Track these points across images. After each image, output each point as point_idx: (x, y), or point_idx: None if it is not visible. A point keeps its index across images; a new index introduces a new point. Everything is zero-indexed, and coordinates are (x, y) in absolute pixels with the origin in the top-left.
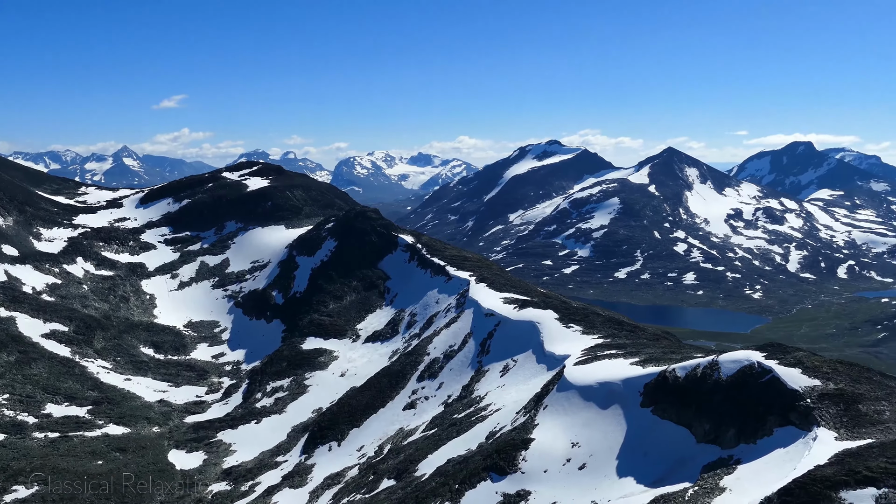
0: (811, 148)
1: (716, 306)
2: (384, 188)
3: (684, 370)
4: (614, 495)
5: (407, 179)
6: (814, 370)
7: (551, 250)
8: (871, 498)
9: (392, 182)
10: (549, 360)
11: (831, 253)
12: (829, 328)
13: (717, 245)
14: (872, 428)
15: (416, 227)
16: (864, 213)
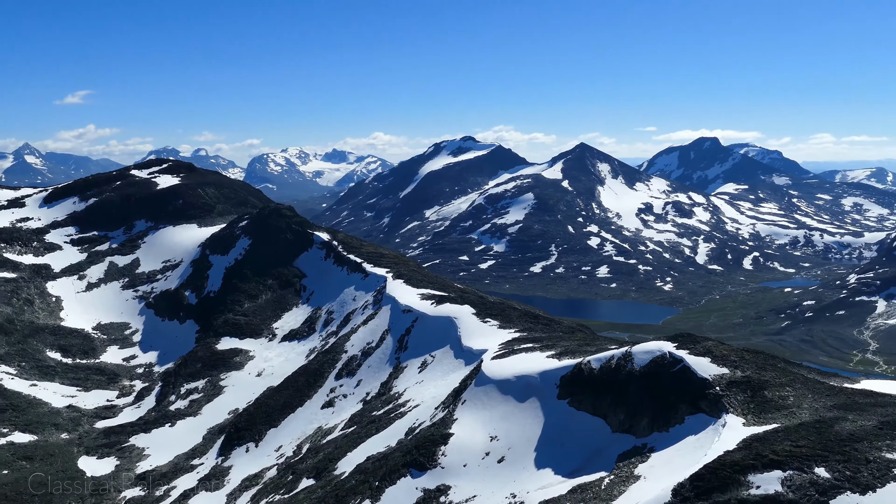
0: (717, 143)
1: (628, 298)
2: (299, 185)
3: (599, 362)
4: (533, 487)
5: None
6: (722, 359)
7: (467, 246)
8: (776, 480)
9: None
10: (467, 355)
11: (737, 245)
12: (736, 318)
13: (629, 239)
14: (777, 413)
15: (332, 224)
16: (768, 206)
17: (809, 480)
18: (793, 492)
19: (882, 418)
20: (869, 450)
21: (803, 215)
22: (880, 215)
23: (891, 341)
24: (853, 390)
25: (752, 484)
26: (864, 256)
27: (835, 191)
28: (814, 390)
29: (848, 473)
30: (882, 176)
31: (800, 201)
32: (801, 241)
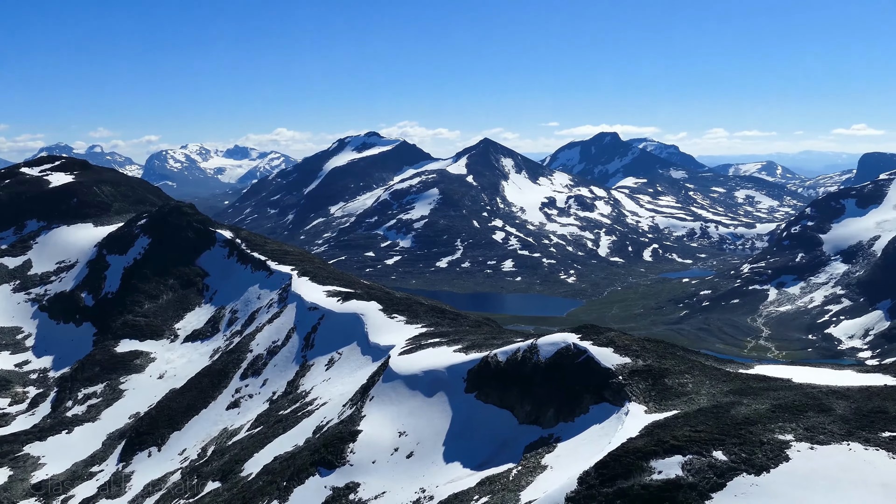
0: (617, 138)
1: (533, 291)
2: (200, 182)
3: (505, 355)
4: (442, 481)
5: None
6: (624, 349)
7: (373, 242)
8: (677, 465)
9: (208, 176)
10: (375, 352)
11: (637, 237)
12: (637, 308)
13: (533, 232)
14: (677, 400)
15: (235, 221)
16: (666, 199)
17: (708, 464)
18: (692, 475)
19: (774, 401)
20: (763, 432)
21: (699, 208)
22: (771, 207)
23: (781, 327)
24: (747, 375)
25: (654, 469)
26: (757, 247)
27: (728, 184)
28: (711, 377)
29: (744, 455)
30: (772, 169)
31: (696, 194)
32: (698, 232)
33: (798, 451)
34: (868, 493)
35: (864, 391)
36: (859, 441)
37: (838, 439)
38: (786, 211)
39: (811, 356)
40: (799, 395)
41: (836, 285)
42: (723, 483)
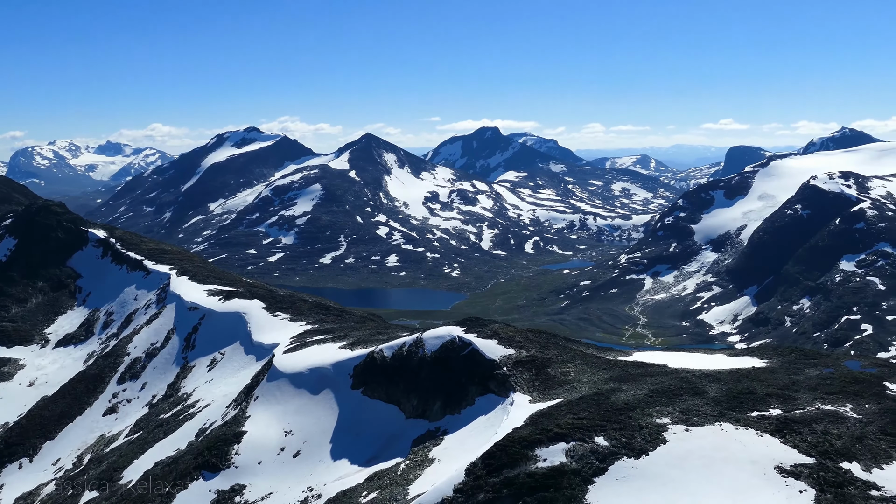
0: (497, 133)
1: (418, 286)
2: (70, 180)
3: (391, 350)
4: (330, 478)
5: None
6: (508, 340)
7: (255, 239)
8: (561, 452)
9: (79, 173)
10: (258, 350)
11: (519, 230)
12: (520, 300)
13: (416, 227)
14: (560, 388)
15: (109, 220)
16: (546, 192)
17: (590, 449)
18: (576, 461)
19: (652, 387)
20: (641, 417)
21: (578, 200)
22: (645, 199)
23: (657, 315)
24: (626, 362)
25: (538, 457)
26: (633, 238)
27: (606, 177)
28: (592, 365)
29: (624, 440)
30: (646, 162)
31: (575, 187)
32: (577, 224)
33: (674, 433)
34: (739, 470)
35: (733, 373)
36: (730, 421)
37: (711, 420)
38: (659, 202)
39: (685, 342)
40: (674, 380)
41: (706, 273)
42: (605, 467)
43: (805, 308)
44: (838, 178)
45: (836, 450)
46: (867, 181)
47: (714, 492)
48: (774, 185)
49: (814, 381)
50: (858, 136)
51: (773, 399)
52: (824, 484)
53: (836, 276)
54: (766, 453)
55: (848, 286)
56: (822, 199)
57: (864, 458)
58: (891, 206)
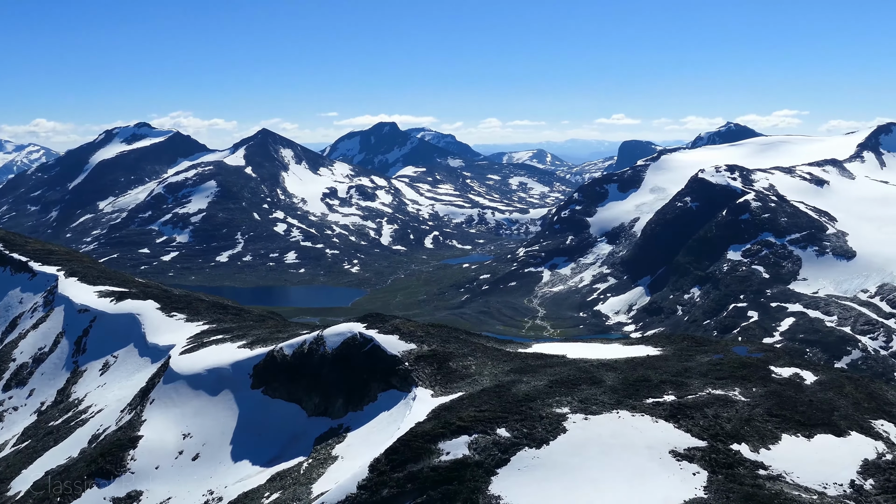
0: (395, 128)
1: (318, 283)
2: None
3: (292, 348)
4: (231, 480)
5: None
6: (409, 335)
7: (148, 238)
8: (464, 445)
9: None
10: (154, 352)
11: (418, 225)
12: (421, 295)
13: (315, 223)
14: (462, 382)
15: None
16: (444, 187)
17: (493, 441)
18: (478, 453)
19: (551, 377)
20: (542, 407)
21: (476, 195)
22: (542, 193)
23: (555, 307)
24: (526, 354)
25: (442, 451)
26: (531, 231)
27: (503, 171)
28: (493, 357)
29: (525, 431)
30: (542, 157)
31: (473, 182)
32: (476, 219)
33: (574, 422)
34: (636, 456)
35: (629, 362)
36: (627, 408)
37: (609, 408)
38: (556, 196)
39: (583, 332)
40: (573, 370)
41: (602, 265)
42: (507, 458)
43: (696, 297)
44: (724, 172)
45: (726, 432)
46: (751, 174)
47: (613, 477)
48: (665, 178)
49: (704, 367)
50: (742, 130)
51: (667, 386)
52: (716, 465)
53: (723, 266)
54: (661, 438)
55: (735, 275)
56: (710, 192)
57: (752, 439)
58: (773, 198)
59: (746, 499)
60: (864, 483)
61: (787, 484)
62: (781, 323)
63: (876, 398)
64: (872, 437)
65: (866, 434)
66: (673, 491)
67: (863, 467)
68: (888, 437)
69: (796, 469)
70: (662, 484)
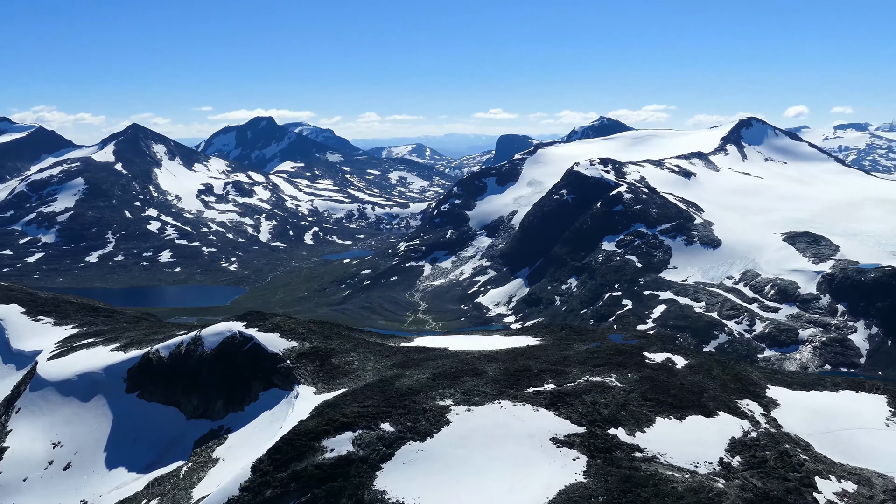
0: (273, 123)
1: (194, 282)
2: None
3: (168, 349)
4: (106, 489)
5: None
6: (291, 332)
7: (10, 239)
8: (348, 441)
9: None
10: (19, 359)
11: (298, 221)
12: (302, 292)
13: (191, 221)
14: (345, 378)
15: None
16: (324, 182)
17: (377, 436)
18: (363, 449)
19: (434, 370)
20: (425, 400)
21: (356, 190)
22: (422, 187)
23: (437, 300)
24: (409, 348)
25: (326, 448)
26: (411, 225)
27: (382, 166)
28: (376, 352)
29: (409, 424)
30: (421, 151)
31: (352, 177)
32: (356, 214)
33: (457, 413)
34: (518, 444)
35: (510, 353)
36: (508, 398)
37: (491, 399)
38: (435, 190)
39: (464, 325)
40: (455, 362)
41: (482, 258)
42: (392, 453)
43: (573, 287)
44: (598, 165)
45: (603, 418)
46: (623, 167)
47: (496, 467)
48: (542, 171)
49: (582, 355)
50: (615, 124)
51: (547, 374)
52: (594, 450)
53: (599, 256)
54: (542, 426)
55: (609, 265)
56: (585, 185)
57: (628, 423)
58: (644, 190)
59: (623, 481)
60: (731, 460)
61: (662, 465)
62: (654, 310)
63: (741, 379)
64: (739, 417)
65: (733, 413)
66: (554, 477)
67: (730, 445)
68: (753, 415)
69: (670, 450)
70: (544, 470)
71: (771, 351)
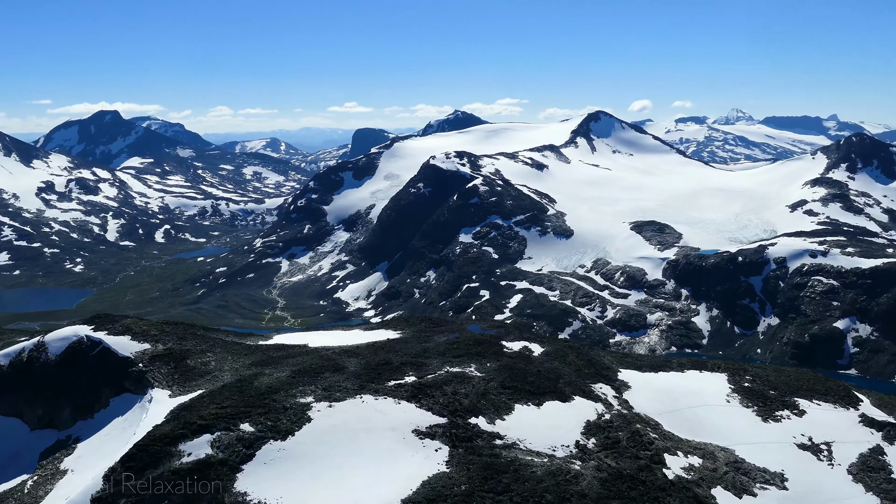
0: (118, 117)
1: (36, 285)
2: None
3: (8, 357)
4: None
5: None
6: (143, 335)
7: None
8: (206, 444)
9: None
10: None
11: (148, 219)
12: (153, 292)
13: (30, 221)
14: (202, 379)
15: None
16: (175, 178)
17: (237, 437)
18: (222, 451)
19: (294, 367)
20: (286, 398)
21: (209, 186)
22: (277, 182)
23: (295, 296)
24: (268, 346)
25: (183, 452)
26: (267, 221)
27: (236, 161)
28: (233, 352)
29: (270, 424)
30: (276, 146)
31: (205, 172)
32: (210, 210)
33: (319, 410)
34: (381, 438)
35: (371, 347)
36: (370, 393)
37: (353, 394)
38: (292, 185)
39: (324, 321)
40: (316, 359)
41: (341, 252)
42: (252, 453)
43: (431, 279)
44: (454, 158)
45: (464, 408)
46: (479, 160)
47: (359, 462)
48: (399, 165)
49: (442, 346)
50: (469, 118)
51: (408, 367)
52: (456, 440)
53: (456, 249)
54: (404, 419)
55: (467, 257)
56: (441, 177)
57: (488, 411)
58: (499, 183)
59: (485, 468)
60: (587, 442)
61: (522, 450)
62: (511, 300)
63: (595, 364)
64: (593, 400)
65: (588, 397)
66: (417, 468)
67: (586, 428)
68: (606, 398)
69: (529, 436)
70: (407, 463)
71: (622, 336)
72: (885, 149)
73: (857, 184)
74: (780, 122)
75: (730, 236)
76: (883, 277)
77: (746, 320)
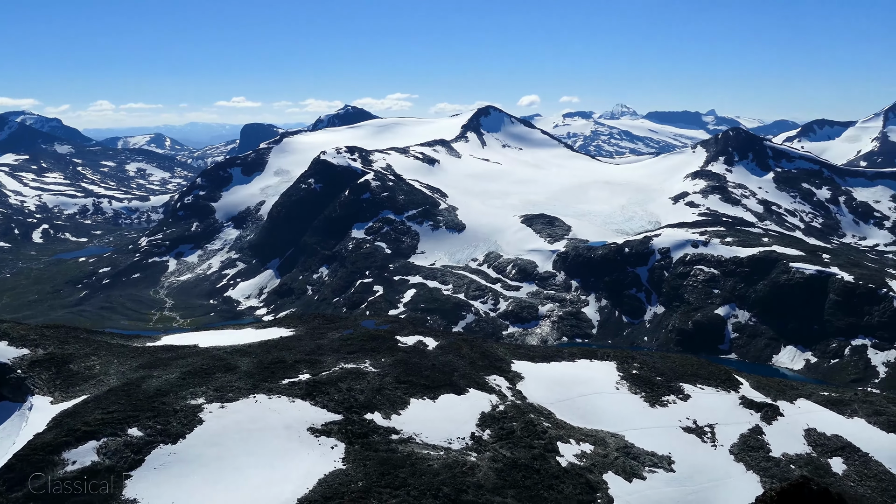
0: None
1: None
2: None
3: None
4: None
5: None
6: (21, 340)
7: None
8: (92, 451)
9: None
10: None
11: (24, 218)
12: (32, 295)
13: None
14: (86, 384)
15: None
16: (53, 175)
17: (124, 443)
18: (109, 458)
19: (184, 369)
20: (176, 400)
21: (90, 183)
22: (163, 179)
23: (184, 296)
24: (156, 348)
25: (67, 461)
26: (153, 219)
27: (118, 157)
28: (119, 355)
29: (159, 427)
30: (161, 141)
31: (85, 169)
32: (91, 209)
33: (210, 412)
34: (275, 438)
35: (263, 345)
36: (264, 392)
37: (245, 394)
38: (178, 182)
39: (214, 320)
40: (206, 359)
41: (231, 250)
42: (141, 459)
43: (324, 276)
44: (345, 153)
45: (360, 404)
46: (370, 155)
47: (254, 462)
48: (289, 160)
49: (336, 343)
50: (360, 113)
51: (302, 365)
52: (352, 436)
53: (349, 244)
54: (298, 417)
55: (360, 252)
56: (333, 173)
57: (384, 407)
58: (391, 178)
59: (381, 464)
60: (482, 434)
61: (418, 444)
62: (405, 295)
63: (488, 356)
64: (487, 392)
65: (482, 389)
66: (313, 466)
67: (481, 420)
68: (500, 389)
69: (425, 429)
70: (303, 461)
71: (515, 327)
72: (759, 143)
73: (735, 176)
74: (662, 116)
75: (617, 228)
76: (759, 265)
77: (634, 309)
